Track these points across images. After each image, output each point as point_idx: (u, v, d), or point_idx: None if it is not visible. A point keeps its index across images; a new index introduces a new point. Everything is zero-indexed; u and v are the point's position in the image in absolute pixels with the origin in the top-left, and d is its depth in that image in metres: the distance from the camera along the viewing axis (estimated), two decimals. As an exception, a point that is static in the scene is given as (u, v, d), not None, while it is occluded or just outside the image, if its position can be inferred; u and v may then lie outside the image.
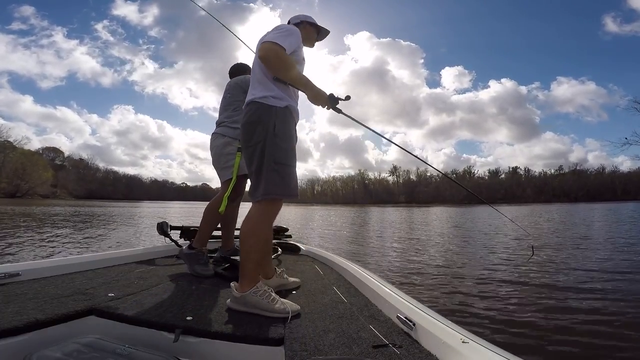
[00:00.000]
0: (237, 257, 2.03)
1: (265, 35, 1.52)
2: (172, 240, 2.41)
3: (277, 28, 1.54)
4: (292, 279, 1.78)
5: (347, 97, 1.53)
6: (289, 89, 1.52)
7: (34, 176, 68.53)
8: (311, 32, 1.76)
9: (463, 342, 0.90)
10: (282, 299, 1.37)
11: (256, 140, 1.45)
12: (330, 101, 1.51)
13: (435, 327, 1.03)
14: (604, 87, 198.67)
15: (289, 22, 1.74)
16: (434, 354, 0.96)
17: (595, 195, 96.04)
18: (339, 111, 1.58)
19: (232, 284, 1.40)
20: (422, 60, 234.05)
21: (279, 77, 1.48)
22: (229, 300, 1.38)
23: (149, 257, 2.29)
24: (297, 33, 1.55)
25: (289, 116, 1.51)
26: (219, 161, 2.24)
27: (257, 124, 1.46)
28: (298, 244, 2.83)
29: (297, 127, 1.66)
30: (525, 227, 12.21)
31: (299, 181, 1.57)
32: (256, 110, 1.47)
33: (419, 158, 2.14)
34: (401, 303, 1.28)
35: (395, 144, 1.98)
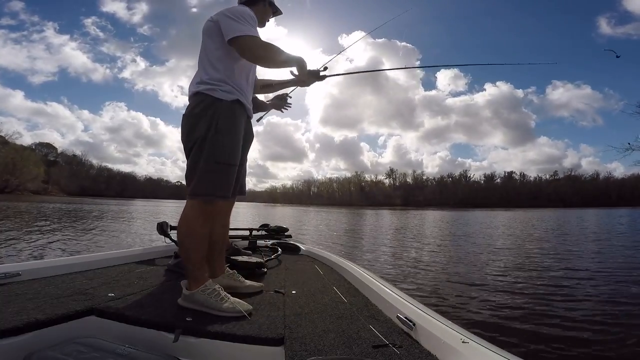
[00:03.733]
0: (238, 257, 2.03)
1: (218, 20, 1.41)
2: (172, 240, 2.39)
3: (231, 15, 1.40)
4: (248, 282, 1.64)
5: (325, 68, 1.63)
6: (242, 81, 1.47)
7: (24, 171, 67.33)
8: (268, 12, 1.66)
9: (463, 342, 0.91)
10: (233, 298, 1.34)
11: (197, 136, 1.37)
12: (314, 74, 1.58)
13: (435, 327, 1.04)
14: (600, 91, 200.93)
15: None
16: (434, 354, 0.97)
17: (590, 201, 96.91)
18: (324, 77, 1.64)
19: (182, 282, 1.40)
20: (418, 62, 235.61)
21: (274, 67, 1.50)
22: (179, 298, 1.37)
23: (149, 257, 2.28)
24: (250, 12, 1.45)
25: (238, 111, 1.44)
26: None
27: (199, 117, 1.37)
28: (298, 244, 2.83)
29: (292, 128, 1.68)
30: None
31: (295, 182, 1.56)
32: (201, 102, 1.39)
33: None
34: (401, 303, 1.29)
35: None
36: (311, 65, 1.59)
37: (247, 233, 2.88)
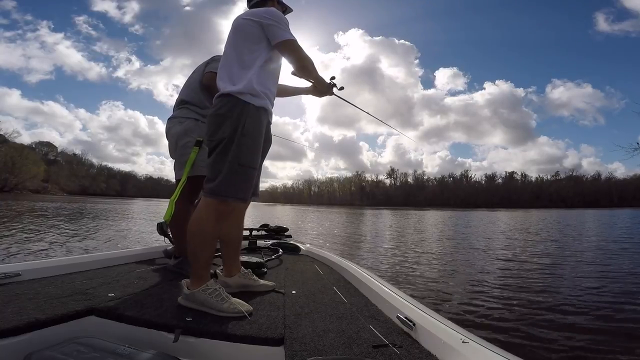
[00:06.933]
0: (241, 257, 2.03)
1: (260, 22, 1.43)
2: (172, 241, 2.40)
3: (277, 20, 1.45)
4: (262, 282, 1.67)
5: (341, 88, 1.79)
6: (270, 86, 1.50)
7: (23, 170, 67.18)
8: (278, 10, 1.63)
9: (463, 342, 0.91)
10: (233, 299, 1.34)
11: (221, 136, 1.37)
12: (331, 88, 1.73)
13: (435, 327, 1.04)
14: (601, 89, 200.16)
15: None
16: (434, 354, 0.97)
17: (592, 202, 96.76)
18: (334, 93, 1.77)
19: (183, 281, 1.40)
20: (416, 60, 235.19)
21: (306, 74, 1.59)
22: (180, 297, 1.38)
23: (149, 257, 2.28)
24: (285, 17, 1.51)
25: (263, 116, 1.45)
26: (174, 153, 2.05)
27: (225, 118, 1.37)
28: (298, 244, 2.83)
29: (291, 127, 1.69)
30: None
31: (296, 181, 1.57)
32: (227, 103, 1.39)
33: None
34: (401, 303, 1.29)
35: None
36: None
37: (247, 233, 2.88)
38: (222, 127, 1.38)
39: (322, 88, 1.72)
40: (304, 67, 1.56)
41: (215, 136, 1.39)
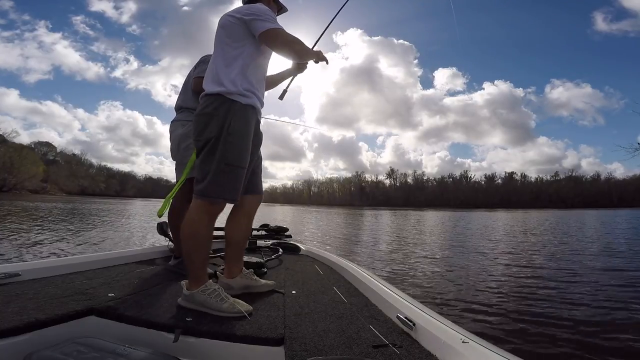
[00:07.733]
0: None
1: (242, 18, 1.42)
2: (172, 241, 2.40)
3: (258, 13, 1.43)
4: (263, 282, 1.67)
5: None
6: (256, 82, 1.48)
7: (22, 170, 67.02)
8: (273, 8, 1.62)
9: (463, 342, 0.91)
10: (233, 299, 1.34)
11: (208, 136, 1.36)
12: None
13: (435, 327, 1.04)
14: (601, 89, 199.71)
15: None
16: (434, 354, 0.97)
17: (591, 202, 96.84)
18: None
19: (182, 282, 1.40)
20: (415, 60, 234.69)
21: (298, 58, 1.57)
22: (179, 298, 1.38)
23: (149, 257, 2.28)
24: (270, 10, 1.49)
25: (250, 114, 1.44)
26: (177, 155, 2.11)
27: (212, 117, 1.37)
28: (298, 244, 2.84)
29: (290, 127, 1.67)
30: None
31: (295, 181, 1.55)
32: (214, 101, 1.38)
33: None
34: (401, 303, 1.29)
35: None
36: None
37: None
38: (209, 127, 1.37)
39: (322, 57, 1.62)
40: (295, 51, 1.49)
41: (203, 136, 1.39)
